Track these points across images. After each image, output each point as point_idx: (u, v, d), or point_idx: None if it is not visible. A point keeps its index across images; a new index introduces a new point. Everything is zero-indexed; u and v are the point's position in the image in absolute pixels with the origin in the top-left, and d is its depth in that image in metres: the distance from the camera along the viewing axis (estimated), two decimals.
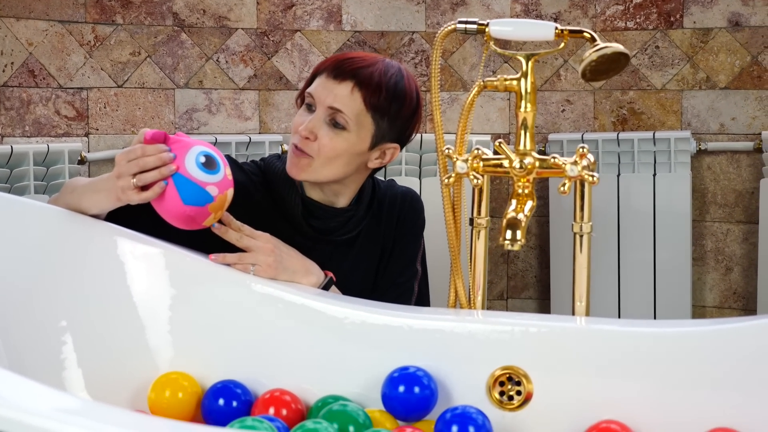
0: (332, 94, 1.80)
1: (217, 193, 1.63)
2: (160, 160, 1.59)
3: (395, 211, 1.98)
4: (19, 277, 1.69)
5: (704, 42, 2.95)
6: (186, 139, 1.66)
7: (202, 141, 1.68)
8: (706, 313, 3.03)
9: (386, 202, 1.98)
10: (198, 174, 1.61)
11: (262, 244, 1.72)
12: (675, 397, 1.49)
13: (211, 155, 1.64)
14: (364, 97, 1.80)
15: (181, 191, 1.61)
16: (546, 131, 3.05)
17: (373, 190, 1.98)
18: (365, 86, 1.80)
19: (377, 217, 1.97)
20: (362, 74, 1.80)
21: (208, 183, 1.62)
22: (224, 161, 1.67)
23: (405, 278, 1.98)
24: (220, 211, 1.66)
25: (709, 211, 3.01)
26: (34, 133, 2.68)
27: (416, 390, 1.53)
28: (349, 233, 1.93)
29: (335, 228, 1.92)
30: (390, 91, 1.82)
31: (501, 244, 1.58)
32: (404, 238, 1.99)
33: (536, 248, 3.13)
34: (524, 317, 1.71)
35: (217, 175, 1.63)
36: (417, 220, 2.01)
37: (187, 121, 2.91)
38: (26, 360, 1.64)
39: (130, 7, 2.83)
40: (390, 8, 3.03)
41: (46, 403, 1.12)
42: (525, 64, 1.66)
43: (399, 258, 1.98)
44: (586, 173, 1.61)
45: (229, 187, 1.66)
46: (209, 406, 1.61)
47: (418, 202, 2.02)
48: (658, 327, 1.58)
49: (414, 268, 2.00)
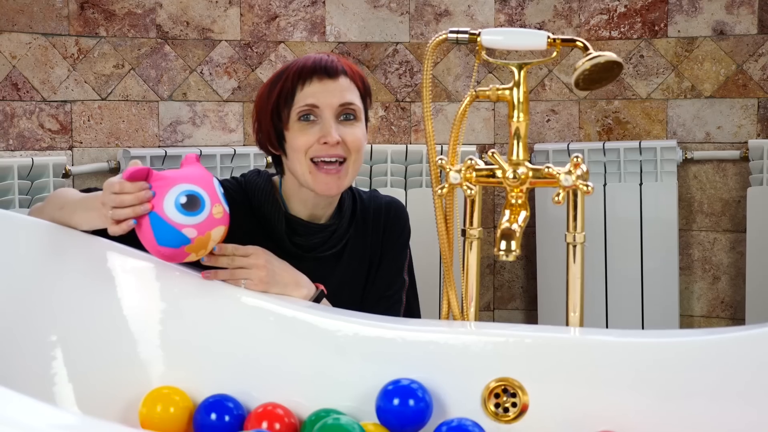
0: (338, 92, 1.80)
1: (195, 235, 1.59)
2: (136, 198, 1.58)
3: (380, 223, 1.96)
4: (9, 292, 1.67)
5: (689, 51, 2.96)
6: (173, 176, 1.62)
7: (195, 176, 1.63)
8: (693, 322, 3.03)
9: (371, 214, 1.96)
10: (175, 216, 1.58)
11: (254, 261, 1.70)
12: (672, 407, 1.48)
13: (195, 194, 1.60)
14: (357, 86, 1.84)
15: (155, 232, 1.59)
16: (531, 141, 3.04)
17: (354, 202, 1.96)
18: (353, 77, 1.84)
19: (362, 229, 1.95)
20: (345, 67, 1.84)
21: (185, 225, 1.58)
22: (213, 199, 1.62)
23: (393, 290, 1.96)
24: (204, 250, 1.63)
25: (695, 220, 3.02)
26: (18, 147, 2.66)
27: (411, 403, 1.51)
28: (332, 248, 1.91)
29: (318, 244, 1.89)
30: (362, 75, 1.88)
31: (495, 255, 1.57)
32: (391, 250, 1.97)
33: (522, 259, 3.12)
34: (519, 328, 1.70)
35: (198, 216, 1.59)
36: (403, 230, 1.99)
37: (172, 133, 2.89)
38: (17, 375, 1.62)
39: (114, 19, 2.81)
40: (374, 19, 3.03)
41: (40, 419, 1.10)
42: (518, 73, 1.66)
43: (386, 270, 1.96)
44: (581, 183, 1.60)
45: (214, 226, 1.61)
46: (201, 420, 1.59)
47: (403, 211, 2.01)
48: (655, 338, 1.58)
49: (401, 278, 1.98)
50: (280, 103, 1.81)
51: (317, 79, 1.80)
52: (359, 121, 1.84)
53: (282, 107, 1.81)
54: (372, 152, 2.93)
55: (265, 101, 1.85)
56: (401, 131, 3.05)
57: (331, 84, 1.80)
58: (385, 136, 3.05)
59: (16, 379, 1.59)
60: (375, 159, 2.94)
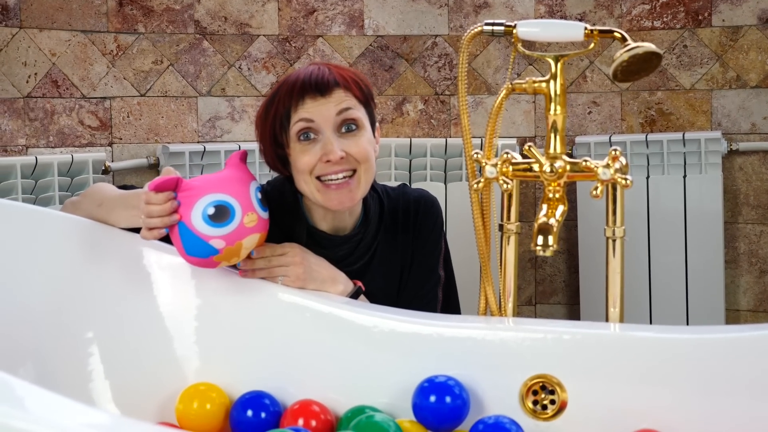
0: (333, 107, 1.72)
1: (223, 245, 1.58)
2: (162, 210, 1.59)
3: (410, 221, 1.89)
4: (46, 289, 1.68)
5: (734, 40, 2.91)
6: (204, 185, 1.60)
7: (229, 183, 1.61)
8: (740, 317, 2.98)
9: (400, 214, 1.89)
10: (202, 227, 1.58)
11: (290, 259, 1.69)
12: (713, 405, 1.45)
13: (224, 204, 1.58)
14: (354, 94, 1.75)
15: (184, 242, 1.60)
16: (572, 134, 3.01)
17: (381, 205, 1.89)
18: (348, 85, 1.75)
19: (391, 231, 1.89)
20: (338, 78, 1.75)
21: (213, 237, 1.58)
22: (246, 207, 1.60)
23: (427, 289, 1.91)
24: (236, 258, 1.62)
25: (741, 212, 2.97)
26: (58, 144, 2.67)
27: (448, 400, 1.50)
28: (360, 259, 1.85)
29: (344, 256, 1.83)
30: (360, 79, 1.79)
31: (532, 250, 1.55)
32: (424, 248, 1.90)
33: (564, 252, 3.09)
34: (557, 324, 1.68)
35: (227, 227, 1.58)
36: (434, 225, 1.92)
37: (210, 129, 2.89)
38: (55, 371, 1.63)
39: (152, 15, 2.81)
40: (412, 12, 3.01)
41: (72, 418, 1.09)
42: (554, 65, 1.63)
43: (419, 270, 1.90)
44: (619, 176, 1.57)
45: (245, 235, 1.59)
46: (237, 417, 1.59)
47: (433, 205, 1.93)
48: (696, 333, 1.55)
49: (436, 275, 1.92)
50: (276, 127, 1.75)
51: (310, 99, 1.72)
52: (362, 129, 1.75)
53: (278, 131, 1.75)
54: (411, 146, 2.91)
55: (262, 125, 1.78)
56: (440, 124, 3.03)
57: (323, 100, 1.72)
58: (424, 130, 3.03)
59: (53, 376, 1.60)
60: (414, 153, 2.92)
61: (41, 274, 1.68)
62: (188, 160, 2.75)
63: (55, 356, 1.63)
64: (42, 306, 1.66)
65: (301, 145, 1.73)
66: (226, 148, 2.80)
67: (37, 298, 1.66)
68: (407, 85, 3.01)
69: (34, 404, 1.11)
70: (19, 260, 1.69)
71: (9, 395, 1.08)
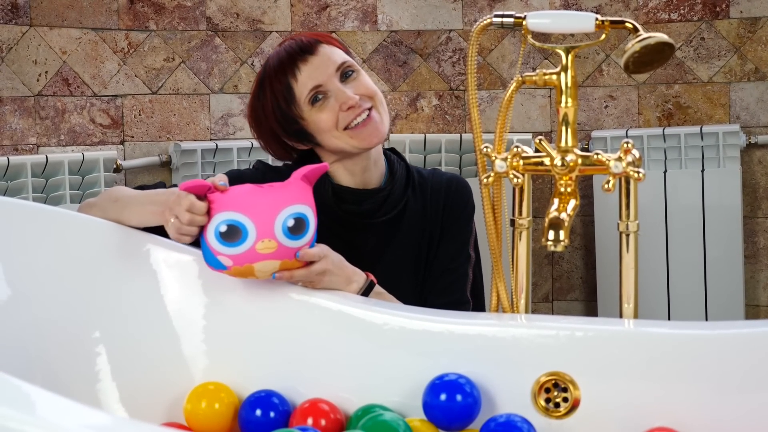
0: (325, 62, 1.81)
1: (231, 264, 1.56)
2: (192, 221, 1.57)
3: (441, 199, 1.93)
4: (53, 288, 1.67)
5: (752, 32, 2.87)
6: (227, 201, 1.57)
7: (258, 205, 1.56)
8: (760, 312, 2.95)
9: (429, 188, 1.93)
10: (213, 241, 1.56)
11: (324, 266, 1.65)
12: (730, 402, 1.42)
13: (237, 225, 1.54)
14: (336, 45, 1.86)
15: (202, 248, 1.60)
16: (589, 128, 2.98)
17: (409, 172, 1.94)
18: (328, 41, 1.85)
19: (420, 199, 1.92)
20: (317, 37, 1.85)
21: (221, 254, 1.56)
22: (263, 234, 1.55)
23: (458, 263, 1.92)
24: (251, 276, 1.58)
25: (761, 206, 2.93)
26: (69, 142, 2.67)
27: (458, 398, 1.48)
28: (387, 214, 1.88)
29: (371, 210, 1.88)
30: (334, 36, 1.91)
31: (544, 245, 1.52)
32: (454, 225, 1.93)
33: (581, 248, 3.06)
34: (570, 320, 1.65)
35: (236, 248, 1.55)
36: (465, 206, 1.96)
37: (223, 126, 2.88)
38: (61, 371, 1.62)
39: (163, 12, 2.80)
40: (426, 7, 2.98)
41: (73, 419, 1.08)
42: (565, 57, 1.60)
43: (450, 243, 1.92)
44: (632, 169, 1.54)
45: (256, 260, 1.55)
46: (246, 416, 1.58)
47: (466, 188, 1.98)
48: (711, 329, 1.52)
49: (467, 252, 1.94)
50: (282, 106, 1.82)
51: (302, 64, 1.81)
52: (358, 71, 1.85)
53: (286, 108, 1.82)
54: (426, 142, 2.89)
55: (262, 117, 1.85)
56: (455, 120, 3.00)
57: (316, 59, 1.81)
58: (439, 126, 3.00)
59: (59, 377, 1.59)
60: (429, 149, 2.90)
61: (47, 272, 1.67)
62: (200, 158, 2.73)
63: (61, 357, 1.61)
64: (47, 305, 1.64)
65: (315, 108, 1.81)
66: (238, 146, 2.78)
67: (42, 298, 1.65)
68: (421, 81, 2.99)
69: (33, 405, 1.10)
70: (25, 259, 1.68)
71: (8, 396, 1.07)
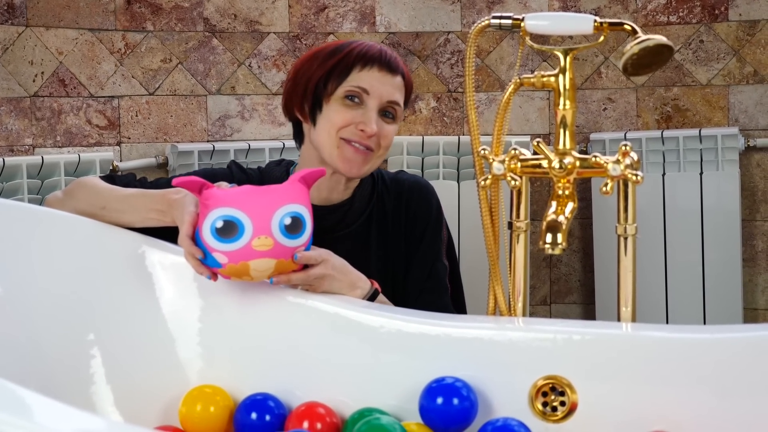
0: (390, 88, 1.84)
1: (226, 261, 1.54)
2: (190, 215, 1.58)
3: (402, 206, 1.93)
4: (46, 290, 1.66)
5: (751, 35, 2.87)
6: (225, 197, 1.55)
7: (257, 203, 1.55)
8: (758, 316, 2.94)
9: (391, 195, 1.94)
10: (209, 238, 1.54)
11: (324, 270, 1.65)
12: (729, 406, 1.41)
13: (233, 221, 1.53)
14: (406, 90, 1.90)
15: (198, 247, 1.58)
16: (587, 131, 2.97)
17: (375, 181, 1.95)
18: (406, 81, 1.89)
19: (387, 210, 1.93)
20: (404, 70, 1.88)
21: (216, 250, 1.54)
22: (260, 230, 1.53)
23: (434, 280, 1.90)
24: (246, 277, 1.56)
25: (759, 210, 2.92)
26: (65, 143, 2.66)
27: (455, 401, 1.47)
28: (348, 227, 1.89)
29: (332, 226, 1.88)
30: (413, 84, 1.94)
31: (542, 248, 1.52)
32: (422, 239, 1.91)
33: (579, 251, 3.05)
34: (567, 324, 1.65)
35: (232, 244, 1.53)
36: (430, 213, 1.93)
37: (220, 127, 2.87)
38: (55, 375, 1.61)
39: (161, 13, 2.79)
40: (425, 8, 2.97)
41: (65, 423, 1.07)
42: (563, 59, 1.59)
43: (422, 260, 1.91)
44: (630, 172, 1.54)
45: (252, 258, 1.53)
46: (242, 420, 1.57)
47: (428, 191, 1.95)
48: (710, 333, 1.51)
49: (440, 264, 1.92)
50: (332, 75, 1.83)
51: (378, 69, 1.83)
52: (396, 122, 1.87)
53: (332, 79, 1.83)
54: (423, 144, 2.88)
55: (314, 67, 1.85)
56: (453, 122, 3.00)
57: (388, 78, 1.84)
58: (437, 128, 3.00)
59: (53, 380, 1.58)
60: (427, 151, 2.88)
61: (41, 274, 1.66)
62: (197, 160, 2.72)
63: (55, 360, 1.60)
64: (42, 307, 1.64)
65: (343, 102, 1.83)
66: (236, 147, 2.77)
67: (37, 299, 1.64)
68: (420, 83, 2.98)
69: (27, 409, 1.09)
70: (19, 261, 1.67)
71: (2, 400, 1.06)
